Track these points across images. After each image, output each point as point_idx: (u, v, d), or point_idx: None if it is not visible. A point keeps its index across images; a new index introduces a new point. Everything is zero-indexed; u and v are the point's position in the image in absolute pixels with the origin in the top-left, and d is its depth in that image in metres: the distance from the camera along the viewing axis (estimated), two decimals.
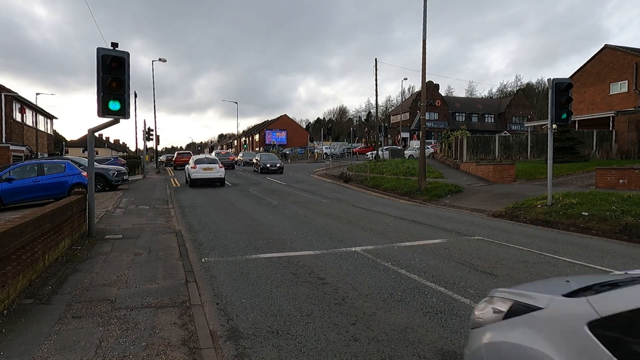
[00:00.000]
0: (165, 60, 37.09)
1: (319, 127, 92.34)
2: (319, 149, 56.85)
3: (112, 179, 20.38)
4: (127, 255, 7.61)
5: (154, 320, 4.66)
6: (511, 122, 72.15)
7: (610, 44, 33.75)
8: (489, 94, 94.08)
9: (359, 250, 8.27)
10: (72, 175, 16.49)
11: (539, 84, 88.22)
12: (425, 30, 17.39)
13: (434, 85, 68.51)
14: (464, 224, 11.31)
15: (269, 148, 70.23)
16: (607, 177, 15.85)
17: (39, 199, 15.53)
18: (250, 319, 4.91)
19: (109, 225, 10.71)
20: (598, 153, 27.52)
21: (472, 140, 28.77)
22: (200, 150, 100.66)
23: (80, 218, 9.08)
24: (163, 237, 9.32)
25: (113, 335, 4.26)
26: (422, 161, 18.35)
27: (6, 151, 22.64)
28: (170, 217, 12.22)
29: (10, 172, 15.16)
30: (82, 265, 6.85)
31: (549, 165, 12.38)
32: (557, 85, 11.64)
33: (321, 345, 4.21)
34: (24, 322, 4.57)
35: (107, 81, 8.03)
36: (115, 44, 8.32)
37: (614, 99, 32.18)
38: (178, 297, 5.41)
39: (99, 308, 5.00)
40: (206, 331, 4.43)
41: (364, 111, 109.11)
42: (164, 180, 28.02)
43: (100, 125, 8.89)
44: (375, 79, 38.37)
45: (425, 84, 18.32)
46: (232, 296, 5.69)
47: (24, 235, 5.39)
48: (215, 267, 7.16)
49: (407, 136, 66.20)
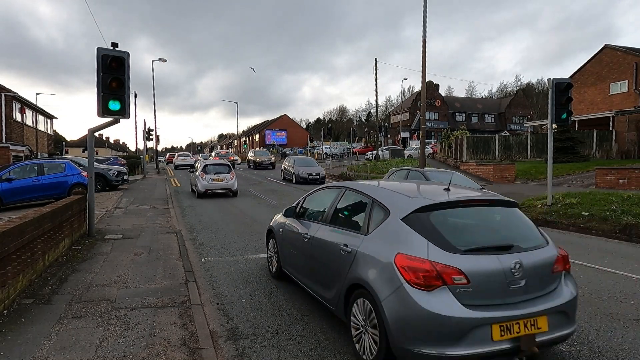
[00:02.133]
0: (165, 60, 37.10)
1: (319, 127, 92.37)
2: (319, 149, 56.87)
3: (112, 179, 20.37)
4: (127, 255, 7.61)
5: (154, 320, 4.66)
6: (511, 122, 72.15)
7: (610, 44, 33.75)
8: (489, 94, 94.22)
9: None
10: (72, 175, 16.48)
11: (539, 84, 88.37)
12: (425, 30, 17.42)
13: (434, 85, 68.51)
14: None
15: (269, 148, 70.27)
16: (607, 177, 15.86)
17: (39, 199, 15.53)
18: (250, 319, 4.91)
19: (109, 225, 10.71)
20: (598, 153, 27.53)
21: (472, 140, 28.78)
22: (201, 150, 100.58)
23: (80, 218, 9.08)
24: (163, 237, 9.33)
25: (113, 335, 4.26)
26: (422, 161, 18.35)
27: (6, 151, 22.64)
28: (170, 217, 12.22)
29: (10, 172, 15.16)
30: (82, 265, 6.85)
31: (549, 165, 12.37)
32: (557, 85, 11.64)
33: (321, 345, 4.21)
34: (24, 322, 4.57)
35: (107, 81, 8.02)
36: (115, 44, 8.32)
37: (614, 99, 32.18)
38: (178, 297, 5.41)
39: (99, 308, 5.00)
40: (206, 331, 4.43)
41: (364, 111, 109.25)
42: (164, 180, 28.02)
43: (100, 125, 8.89)
44: (375, 79, 38.39)
45: (425, 84, 18.32)
46: (232, 296, 5.69)
47: (24, 235, 5.39)
48: (216, 267, 7.16)
49: (407, 136, 66.19)
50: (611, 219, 10.12)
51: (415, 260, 3.39)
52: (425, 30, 17.35)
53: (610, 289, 6.00)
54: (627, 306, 5.31)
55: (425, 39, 17.53)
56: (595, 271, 6.93)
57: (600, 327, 4.67)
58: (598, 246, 8.84)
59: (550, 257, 3.70)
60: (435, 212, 3.76)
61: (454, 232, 3.74)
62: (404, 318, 3.31)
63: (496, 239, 3.79)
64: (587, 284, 6.20)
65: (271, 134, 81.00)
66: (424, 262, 3.34)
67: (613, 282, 6.31)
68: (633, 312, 5.12)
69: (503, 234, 3.90)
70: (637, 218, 9.79)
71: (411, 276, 3.34)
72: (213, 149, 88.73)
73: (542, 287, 3.58)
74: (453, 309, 3.20)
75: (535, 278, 3.52)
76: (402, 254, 3.47)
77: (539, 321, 3.38)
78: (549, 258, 3.69)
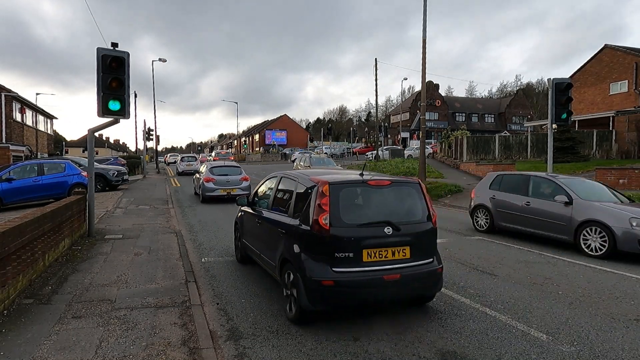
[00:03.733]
0: (165, 60, 37.06)
1: (319, 127, 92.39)
2: (319, 149, 56.91)
3: (112, 179, 20.37)
4: (127, 255, 7.61)
5: (154, 320, 4.66)
6: (511, 122, 72.12)
7: (610, 44, 33.72)
8: (489, 94, 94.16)
9: None
10: (72, 175, 16.47)
11: (539, 84, 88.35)
12: (425, 30, 17.41)
13: (434, 85, 68.50)
14: (464, 224, 11.30)
15: (269, 148, 70.25)
16: (607, 177, 15.85)
17: (39, 199, 15.52)
18: (250, 319, 4.91)
19: (109, 225, 10.71)
20: (598, 153, 27.50)
21: (472, 140, 28.77)
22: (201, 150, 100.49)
23: (80, 218, 9.08)
24: (163, 237, 9.32)
25: (113, 335, 4.26)
26: (422, 161, 18.35)
27: (6, 151, 22.63)
28: (170, 217, 12.22)
29: (10, 172, 15.15)
30: (82, 265, 6.85)
31: (549, 165, 12.38)
32: (557, 85, 11.64)
33: (321, 345, 4.21)
34: (24, 322, 4.57)
35: (107, 81, 8.02)
36: (115, 44, 8.32)
37: (614, 98, 32.16)
38: (178, 297, 5.41)
39: (99, 308, 5.00)
40: (206, 331, 4.43)
41: (364, 111, 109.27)
42: (164, 180, 28.02)
43: (100, 125, 8.89)
44: (375, 78, 38.41)
45: (425, 83, 18.32)
46: (232, 296, 5.69)
47: (24, 235, 5.39)
48: (216, 267, 7.16)
49: (407, 136, 66.17)
50: None
51: None
52: (425, 30, 17.34)
53: (610, 289, 6.01)
54: (627, 306, 5.31)
55: (425, 39, 17.52)
56: (595, 271, 6.93)
57: (600, 327, 4.67)
58: None
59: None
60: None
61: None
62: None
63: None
64: (587, 284, 6.20)
65: (271, 133, 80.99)
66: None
67: (613, 282, 6.31)
68: (633, 312, 5.12)
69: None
70: None
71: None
72: (213, 149, 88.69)
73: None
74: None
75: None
76: None
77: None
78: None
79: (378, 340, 4.33)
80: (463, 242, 9.15)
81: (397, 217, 4.68)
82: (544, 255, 7.97)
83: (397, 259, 4.53)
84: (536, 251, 8.26)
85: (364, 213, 4.71)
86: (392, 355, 4.00)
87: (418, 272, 4.60)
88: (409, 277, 4.52)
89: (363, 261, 4.40)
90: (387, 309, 5.14)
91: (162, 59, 36.80)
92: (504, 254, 8.07)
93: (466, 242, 9.09)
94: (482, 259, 7.61)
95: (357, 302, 4.65)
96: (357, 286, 4.36)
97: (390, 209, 4.82)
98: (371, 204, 4.82)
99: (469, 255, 7.92)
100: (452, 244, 8.90)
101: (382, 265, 4.45)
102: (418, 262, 4.63)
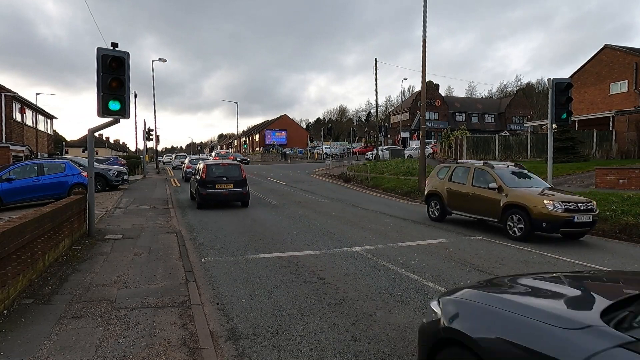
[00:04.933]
0: (165, 60, 37.11)
1: (319, 127, 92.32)
2: (319, 149, 56.88)
3: (112, 179, 20.37)
4: (127, 255, 7.61)
5: (154, 320, 4.66)
6: (511, 122, 72.10)
7: (610, 44, 33.72)
8: (489, 94, 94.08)
9: (359, 250, 8.27)
10: (72, 175, 16.48)
11: (539, 84, 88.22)
12: (425, 30, 17.42)
13: (434, 85, 68.48)
14: (464, 224, 11.31)
15: (269, 148, 70.25)
16: (607, 177, 15.85)
17: (39, 199, 15.52)
18: (250, 319, 4.91)
19: (109, 225, 10.71)
20: (598, 153, 27.49)
21: (472, 140, 28.78)
22: (200, 150, 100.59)
23: (80, 218, 9.08)
24: (163, 237, 9.33)
25: (113, 335, 4.26)
26: (422, 161, 18.35)
27: (6, 151, 22.64)
28: (170, 217, 12.22)
29: (10, 172, 15.15)
30: (82, 265, 6.85)
31: (549, 165, 12.39)
32: (557, 85, 11.64)
33: (321, 345, 4.21)
34: (24, 322, 4.57)
35: (107, 81, 8.03)
36: (115, 44, 8.32)
37: (614, 98, 32.18)
38: (178, 297, 5.41)
39: (99, 308, 5.00)
40: (206, 331, 4.43)
41: (364, 111, 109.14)
42: (164, 180, 28.02)
43: (100, 125, 8.89)
44: (375, 78, 38.43)
45: (425, 83, 18.32)
46: (232, 296, 5.69)
47: (24, 235, 5.39)
48: (216, 267, 7.16)
49: (407, 136, 66.16)
50: (611, 219, 10.12)
51: None
52: (425, 30, 17.35)
53: None
54: None
55: (425, 39, 17.53)
56: (595, 271, 6.92)
57: None
58: (598, 246, 8.84)
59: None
60: None
61: None
62: None
63: None
64: None
65: (271, 133, 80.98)
66: None
67: None
68: None
69: None
70: (637, 218, 9.80)
71: None
72: (213, 149, 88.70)
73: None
74: None
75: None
76: None
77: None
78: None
79: (378, 340, 4.33)
80: (463, 242, 9.15)
81: (229, 174, 14.20)
82: (544, 255, 7.97)
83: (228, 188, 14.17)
84: (536, 251, 8.26)
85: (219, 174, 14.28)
86: (392, 356, 4.00)
87: (236, 192, 14.29)
88: (232, 194, 14.29)
89: (216, 188, 14.05)
90: (389, 312, 5.14)
91: (162, 59, 36.84)
92: (504, 253, 8.07)
93: (466, 242, 9.09)
94: (483, 259, 7.61)
95: (213, 201, 14.26)
96: (212, 195, 14.10)
97: (226, 173, 14.26)
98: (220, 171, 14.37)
99: (469, 255, 7.92)
100: (453, 243, 8.91)
101: (221, 190, 14.03)
102: (237, 189, 14.23)
